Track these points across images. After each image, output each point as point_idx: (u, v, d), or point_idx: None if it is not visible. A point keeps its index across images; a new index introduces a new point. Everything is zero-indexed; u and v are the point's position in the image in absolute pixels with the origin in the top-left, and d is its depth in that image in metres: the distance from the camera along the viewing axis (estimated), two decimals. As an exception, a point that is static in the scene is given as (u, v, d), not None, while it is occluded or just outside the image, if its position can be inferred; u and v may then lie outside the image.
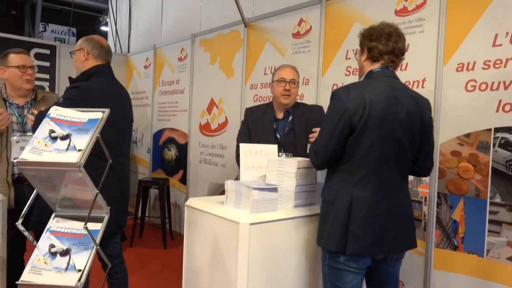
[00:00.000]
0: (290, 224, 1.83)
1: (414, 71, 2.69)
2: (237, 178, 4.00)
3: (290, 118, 2.49)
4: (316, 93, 3.30)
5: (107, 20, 8.00)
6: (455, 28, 2.49)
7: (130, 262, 2.51)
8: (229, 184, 1.85)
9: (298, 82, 2.54)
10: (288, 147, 2.41)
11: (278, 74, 2.50)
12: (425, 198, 2.58)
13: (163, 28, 5.60)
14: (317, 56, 3.31)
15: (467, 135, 2.41)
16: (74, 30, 12.70)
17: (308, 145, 2.46)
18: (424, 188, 2.59)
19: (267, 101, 3.35)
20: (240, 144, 2.13)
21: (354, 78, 3.05)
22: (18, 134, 2.47)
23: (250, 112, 2.61)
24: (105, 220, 1.68)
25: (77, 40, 11.27)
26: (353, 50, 3.06)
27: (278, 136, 2.47)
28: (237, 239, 1.67)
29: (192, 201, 1.99)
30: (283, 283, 1.83)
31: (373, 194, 1.67)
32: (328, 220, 1.71)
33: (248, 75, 3.98)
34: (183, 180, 4.85)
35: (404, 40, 1.79)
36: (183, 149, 4.89)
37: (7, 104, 2.52)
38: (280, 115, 2.52)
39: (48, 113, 1.61)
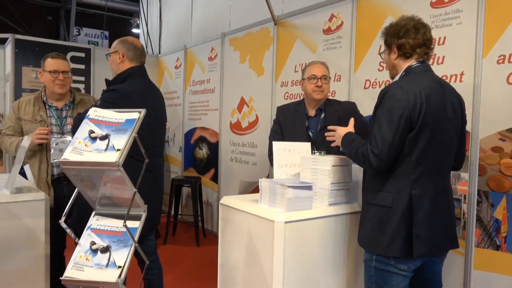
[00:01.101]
0: (326, 223, 1.80)
1: (451, 65, 2.60)
2: (268, 176, 4.01)
3: (323, 115, 2.46)
4: (348, 90, 3.25)
5: (138, 22, 8.17)
6: (495, 18, 2.39)
7: (164, 259, 2.56)
8: (263, 182, 1.85)
9: (330, 78, 2.50)
10: (320, 145, 2.38)
11: (308, 71, 2.48)
12: (464, 196, 2.49)
13: (193, 29, 5.66)
14: (349, 51, 3.26)
15: (509, 130, 2.30)
16: (106, 33, 13.06)
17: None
18: (463, 185, 2.50)
19: (298, 99, 3.33)
20: (273, 142, 2.13)
21: (387, 74, 2.97)
22: (57, 137, 2.55)
23: (281, 111, 2.60)
24: (143, 218, 1.71)
25: (109, 42, 11.56)
26: (380, 47, 2.99)
27: (310, 133, 2.45)
28: (272, 238, 1.67)
29: (226, 200, 2.00)
30: (320, 282, 1.81)
31: (434, 192, 1.64)
32: (388, 225, 1.64)
33: (278, 73, 3.97)
34: (215, 179, 4.90)
35: (429, 30, 1.75)
36: (214, 148, 4.93)
37: (47, 106, 2.61)
38: (312, 113, 2.49)
39: (87, 114, 1.66)
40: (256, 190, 4.12)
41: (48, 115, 2.59)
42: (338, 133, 1.86)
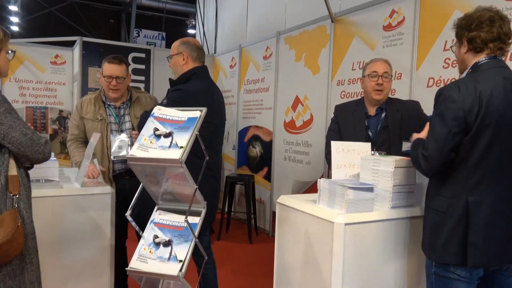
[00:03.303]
0: (388, 226, 1.74)
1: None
2: (322, 176, 3.95)
3: (383, 114, 2.38)
4: (410, 88, 3.12)
5: (194, 23, 8.38)
6: None
7: (218, 255, 2.61)
8: (322, 183, 1.82)
9: (391, 76, 2.41)
10: (381, 145, 2.30)
11: (369, 68, 2.40)
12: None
13: (248, 28, 5.71)
14: (410, 48, 3.13)
15: None
16: (164, 34, 13.55)
17: (403, 143, 2.33)
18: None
19: (356, 98, 3.25)
20: (332, 142, 2.08)
21: (454, 71, 2.82)
22: (116, 134, 2.66)
23: (340, 109, 2.54)
24: (203, 214, 1.75)
25: (167, 43, 11.93)
26: (452, 40, 2.83)
27: (370, 133, 2.38)
28: (331, 239, 1.63)
29: (283, 199, 1.99)
30: (381, 287, 1.75)
31: (495, 200, 1.53)
32: (442, 231, 1.57)
33: (334, 71, 3.89)
34: (268, 177, 4.91)
35: (508, 23, 1.61)
36: (267, 146, 4.95)
37: (106, 105, 2.73)
38: (372, 112, 2.42)
39: (152, 113, 1.72)
40: (309, 190, 4.10)
41: (107, 114, 2.70)
42: (412, 139, 1.79)
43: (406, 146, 2.31)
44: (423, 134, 1.75)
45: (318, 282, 1.72)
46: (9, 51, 1.70)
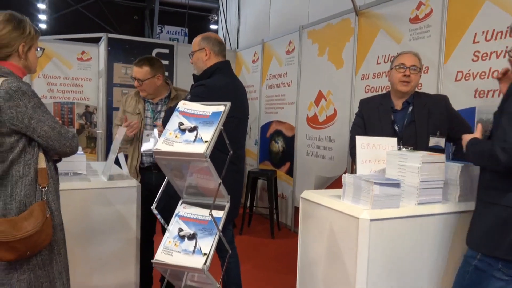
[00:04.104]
0: (415, 223, 1.70)
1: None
2: (346, 171, 3.91)
3: (410, 108, 2.32)
4: (437, 82, 3.04)
5: (216, 18, 8.40)
6: None
7: (240, 249, 2.62)
8: (347, 178, 1.79)
9: (420, 69, 2.35)
10: (407, 140, 2.25)
11: (397, 60, 2.34)
12: None
13: (271, 22, 5.69)
14: (438, 41, 3.05)
15: None
16: (186, 30, 13.66)
17: (431, 138, 2.27)
18: None
19: (381, 92, 3.19)
20: (356, 137, 2.04)
21: (483, 64, 2.73)
22: (149, 129, 2.73)
23: (365, 103, 2.50)
24: (226, 208, 1.76)
25: (189, 39, 12.07)
26: (483, 32, 2.74)
27: (396, 128, 2.33)
28: (356, 235, 1.61)
29: (307, 194, 1.98)
30: (407, 285, 1.72)
31: None
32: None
33: (359, 66, 3.83)
34: (290, 172, 4.90)
35: None
36: (290, 142, 4.93)
37: (145, 101, 2.80)
38: (398, 106, 2.36)
39: (177, 107, 1.73)
40: (332, 185, 4.06)
41: (145, 109, 2.78)
42: (464, 140, 1.74)
43: (433, 141, 2.26)
44: (478, 134, 1.71)
45: (343, 278, 1.71)
46: (38, 49, 1.74)
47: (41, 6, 10.95)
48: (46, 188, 1.64)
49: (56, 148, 1.66)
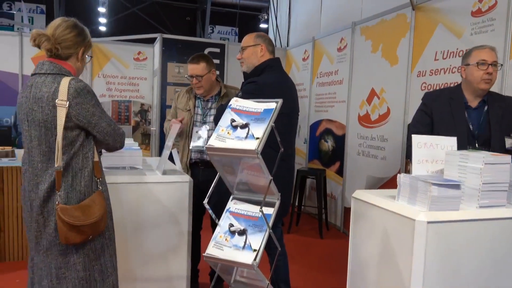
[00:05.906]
0: (475, 227, 1.60)
1: None
2: (399, 172, 3.76)
3: (486, 107, 2.17)
4: (502, 79, 2.85)
5: (266, 17, 8.41)
6: None
7: (289, 248, 2.61)
8: (403, 178, 1.73)
9: (501, 65, 2.19)
10: (482, 141, 2.13)
11: (475, 56, 2.17)
12: None
13: (322, 20, 5.60)
14: (503, 35, 2.85)
15: None
16: (236, 29, 13.84)
17: (506, 139, 2.12)
18: None
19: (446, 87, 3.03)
20: (413, 136, 1.96)
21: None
22: (199, 125, 2.79)
23: (433, 97, 2.32)
24: (276, 205, 1.75)
25: (239, 38, 12.25)
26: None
27: (471, 127, 2.18)
28: (412, 238, 1.55)
29: (359, 193, 1.93)
30: (466, 292, 1.62)
31: None
32: None
33: (414, 62, 3.68)
34: (340, 172, 4.81)
35: None
36: (340, 141, 4.83)
37: (196, 98, 2.87)
38: (473, 103, 2.20)
39: (229, 104, 1.75)
40: (384, 186, 3.93)
41: (195, 106, 2.84)
42: None
43: (509, 142, 2.11)
44: None
45: (396, 282, 1.64)
46: (87, 56, 1.88)
47: (101, 9, 11.60)
48: (100, 179, 1.78)
49: (109, 143, 1.82)
